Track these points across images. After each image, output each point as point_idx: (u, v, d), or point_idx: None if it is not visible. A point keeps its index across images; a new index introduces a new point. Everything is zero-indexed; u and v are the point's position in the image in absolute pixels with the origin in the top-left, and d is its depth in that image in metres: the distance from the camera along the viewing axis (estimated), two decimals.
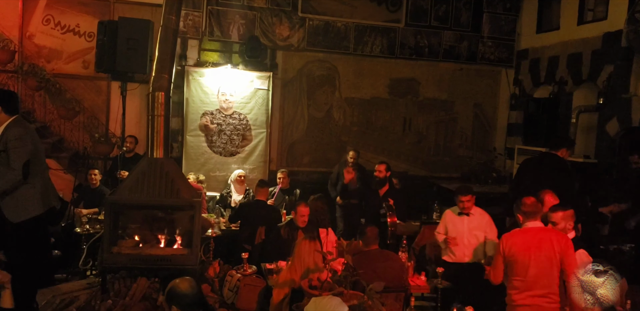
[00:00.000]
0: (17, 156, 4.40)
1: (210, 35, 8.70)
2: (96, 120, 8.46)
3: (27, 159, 4.45)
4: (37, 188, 4.58)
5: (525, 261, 3.97)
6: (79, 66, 8.43)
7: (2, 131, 4.48)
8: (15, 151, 4.39)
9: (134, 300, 4.78)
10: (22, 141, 4.44)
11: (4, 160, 4.43)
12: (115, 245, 5.10)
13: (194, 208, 5.06)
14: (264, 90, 8.76)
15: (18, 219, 4.51)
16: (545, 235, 4.02)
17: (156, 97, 5.24)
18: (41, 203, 4.62)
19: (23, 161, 4.41)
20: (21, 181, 4.45)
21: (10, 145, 4.39)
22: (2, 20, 8.00)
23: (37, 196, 4.58)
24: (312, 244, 4.45)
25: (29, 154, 4.48)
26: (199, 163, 8.46)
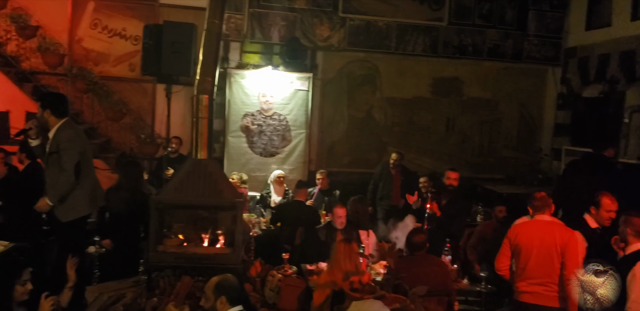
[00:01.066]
0: (68, 157, 4.54)
1: (252, 38, 8.78)
2: (142, 121, 8.66)
3: (78, 160, 4.59)
4: (85, 188, 4.72)
5: (528, 251, 4.16)
6: (126, 68, 8.65)
7: (54, 134, 4.63)
8: (66, 152, 4.54)
9: (179, 299, 4.86)
10: (73, 142, 4.59)
11: (56, 161, 4.58)
12: (161, 244, 5.22)
13: (236, 208, 5.13)
14: (304, 91, 8.80)
15: (67, 218, 4.66)
16: (550, 228, 4.18)
17: (200, 100, 5.33)
18: (89, 203, 4.77)
19: (74, 162, 4.56)
20: (74, 182, 4.58)
21: (62, 147, 4.54)
22: (52, 25, 8.27)
23: (86, 197, 4.72)
24: (349, 247, 4.43)
25: (79, 155, 4.62)
26: (239, 164, 8.56)
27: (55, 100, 4.77)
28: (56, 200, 4.59)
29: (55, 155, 4.58)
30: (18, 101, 8.16)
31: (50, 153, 4.62)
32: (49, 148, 4.66)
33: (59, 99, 4.82)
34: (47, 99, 4.75)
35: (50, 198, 4.57)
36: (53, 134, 4.64)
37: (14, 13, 7.89)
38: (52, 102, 4.70)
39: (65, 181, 4.55)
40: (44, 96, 4.92)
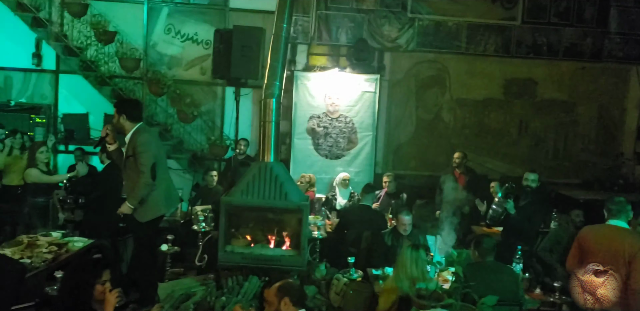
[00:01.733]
0: (144, 160, 4.72)
1: (319, 40, 8.81)
2: (212, 123, 8.88)
3: (154, 162, 4.75)
4: (160, 189, 4.88)
5: (594, 254, 4.07)
6: (197, 72, 8.90)
7: (130, 138, 4.82)
8: (142, 155, 4.72)
9: (246, 298, 4.95)
10: (148, 145, 4.75)
11: (132, 164, 4.76)
12: (229, 244, 5.33)
13: (302, 211, 5.16)
14: (371, 92, 8.73)
15: (145, 219, 4.84)
16: (622, 235, 4.05)
17: (267, 104, 5.40)
18: (165, 204, 4.93)
19: (150, 165, 4.73)
20: (153, 184, 4.74)
21: (138, 150, 4.72)
22: (130, 31, 8.63)
23: (162, 198, 4.89)
24: (415, 253, 4.35)
25: (155, 157, 4.78)
26: (305, 166, 8.60)
27: (131, 106, 4.96)
28: (137, 203, 4.77)
29: (131, 158, 4.77)
30: (97, 103, 8.59)
31: (127, 157, 4.81)
32: (125, 152, 4.85)
33: (134, 105, 5.02)
34: (123, 105, 4.95)
35: (131, 201, 4.76)
36: (129, 138, 4.83)
37: (94, 19, 8.28)
38: (128, 107, 4.90)
39: (144, 184, 4.73)
40: (120, 102, 5.13)
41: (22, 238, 5.31)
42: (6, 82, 8.86)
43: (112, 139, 4.92)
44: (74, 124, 8.68)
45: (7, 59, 8.73)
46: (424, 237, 5.56)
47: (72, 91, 8.87)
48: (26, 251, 4.89)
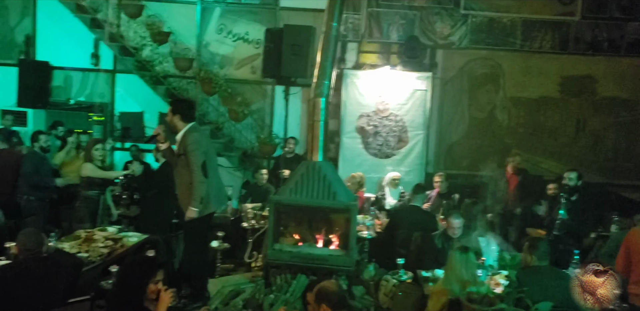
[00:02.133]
0: (194, 158, 4.79)
1: (369, 37, 8.74)
2: (262, 122, 8.96)
3: (204, 160, 4.83)
4: (210, 187, 4.95)
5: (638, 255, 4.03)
6: (248, 71, 8.99)
7: (181, 137, 4.91)
8: (192, 154, 4.80)
9: (294, 297, 4.97)
10: (198, 144, 4.83)
11: (183, 163, 4.86)
12: (278, 242, 5.37)
13: (350, 211, 5.13)
14: (423, 90, 8.59)
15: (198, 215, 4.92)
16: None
17: (316, 103, 5.40)
18: (215, 201, 4.99)
19: (200, 163, 4.80)
20: (206, 181, 4.82)
21: (188, 149, 4.80)
22: (183, 31, 8.81)
23: (212, 195, 4.96)
24: (465, 256, 4.25)
25: (204, 156, 4.86)
26: (354, 165, 8.55)
27: (186, 106, 5.04)
28: (199, 204, 4.83)
29: (182, 157, 4.86)
30: (152, 102, 8.81)
31: (178, 155, 4.91)
32: (177, 151, 4.94)
33: (189, 105, 5.11)
34: (178, 105, 5.03)
35: (194, 204, 4.83)
36: (180, 137, 4.92)
37: (149, 20, 8.49)
38: (183, 108, 4.98)
39: (199, 183, 4.81)
40: (176, 102, 5.22)
41: (80, 232, 5.49)
42: (66, 82, 9.21)
43: (163, 139, 5.02)
44: (130, 122, 8.94)
45: (67, 59, 9.08)
46: (475, 239, 5.42)
47: (128, 90, 9.14)
48: (83, 246, 5.06)
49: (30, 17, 9.17)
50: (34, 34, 9.17)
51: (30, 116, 8.84)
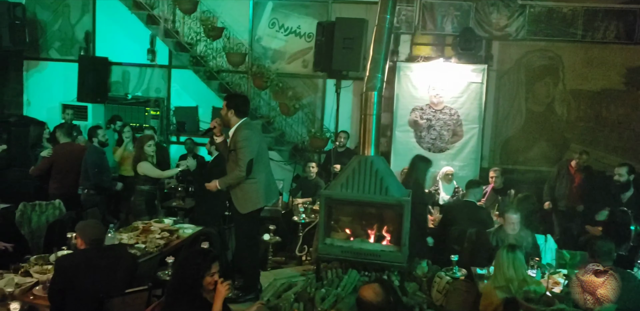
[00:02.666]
0: (243, 155, 4.84)
1: (423, 29, 8.58)
2: (313, 116, 8.97)
3: (252, 158, 4.87)
4: (261, 183, 4.98)
5: None
6: (299, 65, 9.00)
7: (233, 132, 4.95)
8: (241, 151, 4.84)
9: (345, 291, 4.96)
10: (248, 141, 4.86)
11: (234, 157, 4.91)
12: (329, 236, 5.36)
13: (403, 206, 5.06)
14: (478, 83, 8.37)
15: (246, 210, 4.97)
16: None
17: (368, 96, 5.34)
18: (265, 197, 5.03)
19: (248, 160, 4.85)
20: (244, 178, 4.88)
21: (238, 145, 4.85)
22: (236, 26, 8.90)
23: (262, 190, 4.99)
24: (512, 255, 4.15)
25: (253, 153, 4.89)
26: (407, 159, 8.35)
27: (240, 101, 5.07)
28: (224, 187, 4.97)
29: (233, 152, 4.91)
30: (205, 97, 8.97)
31: (230, 151, 4.96)
32: (228, 146, 4.99)
33: (243, 101, 5.13)
34: (233, 100, 5.06)
35: (220, 183, 4.96)
36: (232, 132, 4.97)
37: (203, 16, 8.62)
38: (237, 103, 5.01)
39: (236, 176, 4.89)
40: (231, 97, 5.25)
41: (137, 224, 5.67)
42: (124, 77, 9.49)
43: (219, 132, 5.08)
44: (185, 116, 9.13)
45: (125, 55, 9.34)
46: (532, 236, 5.26)
47: (183, 85, 9.32)
48: (141, 237, 5.21)
49: (89, 15, 9.48)
50: (94, 31, 9.48)
51: (90, 110, 9.15)
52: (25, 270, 4.21)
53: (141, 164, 6.32)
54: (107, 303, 3.68)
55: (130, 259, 4.16)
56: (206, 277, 3.22)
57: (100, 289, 3.72)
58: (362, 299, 3.13)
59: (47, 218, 5.76)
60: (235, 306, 4.33)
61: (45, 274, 4.08)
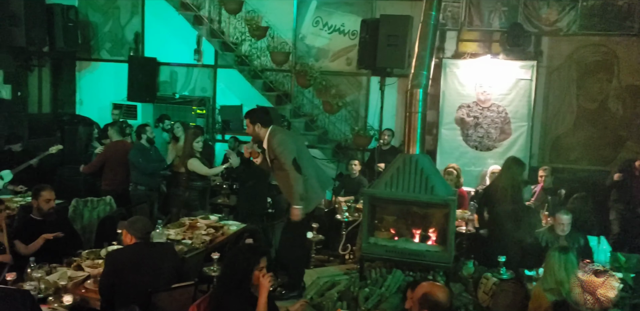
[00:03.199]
0: (284, 158, 4.93)
1: (469, 25, 8.41)
2: (356, 114, 8.93)
3: (294, 157, 4.92)
4: (312, 177, 5.05)
5: None
6: (343, 63, 8.97)
7: (267, 143, 5.05)
8: (282, 155, 4.94)
9: (389, 291, 4.91)
10: (284, 144, 4.95)
11: (278, 165, 5.02)
12: (373, 235, 5.32)
13: (449, 206, 4.98)
14: (527, 80, 8.15)
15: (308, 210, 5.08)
16: None
17: (413, 94, 5.27)
18: (322, 189, 5.13)
19: (291, 160, 4.92)
20: (300, 176, 4.93)
21: (277, 151, 4.95)
22: (280, 25, 8.94)
23: (316, 184, 5.06)
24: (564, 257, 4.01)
25: (293, 152, 4.95)
26: (453, 157, 8.30)
27: (261, 114, 5.19)
28: (300, 201, 4.97)
29: (275, 161, 5.01)
30: (250, 95, 9.05)
31: (271, 161, 5.06)
32: (268, 156, 5.10)
33: (264, 112, 5.27)
34: (253, 115, 5.15)
35: (296, 202, 4.98)
36: (265, 143, 5.07)
37: (248, 16, 8.70)
38: (259, 116, 5.12)
39: (295, 180, 4.93)
40: (250, 113, 5.28)
41: (184, 220, 5.78)
42: (172, 77, 9.68)
43: (255, 154, 5.18)
44: (230, 115, 9.25)
45: (172, 56, 9.53)
46: (584, 238, 5.08)
47: (228, 84, 9.44)
48: (187, 233, 5.31)
49: (139, 16, 9.72)
50: (143, 32, 9.71)
51: (140, 109, 9.38)
52: (78, 264, 4.35)
53: (191, 161, 6.47)
54: (154, 298, 3.76)
55: (176, 255, 4.24)
56: (255, 271, 3.27)
57: (148, 283, 3.80)
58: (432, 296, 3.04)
59: (99, 214, 5.94)
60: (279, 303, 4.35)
61: (96, 268, 4.20)
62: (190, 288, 3.98)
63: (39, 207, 4.75)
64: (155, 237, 4.75)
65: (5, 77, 8.38)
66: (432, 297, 3.00)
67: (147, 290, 3.74)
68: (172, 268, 4.06)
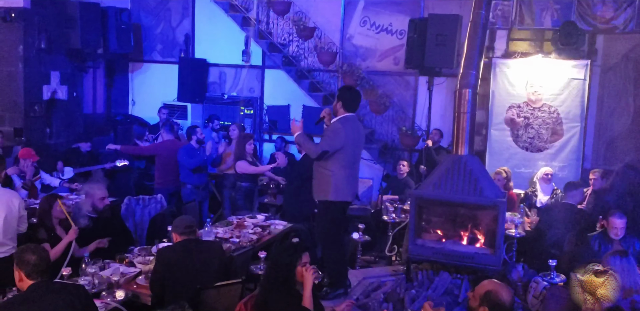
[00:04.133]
0: (323, 143, 4.87)
1: (520, 24, 8.23)
2: (403, 114, 8.86)
3: (328, 150, 4.82)
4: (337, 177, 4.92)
5: None
6: (390, 62, 8.93)
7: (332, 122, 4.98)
8: (324, 139, 4.90)
9: (436, 293, 4.86)
10: (334, 134, 4.85)
11: None
12: (420, 237, 5.28)
13: (498, 208, 4.89)
14: (580, 80, 7.91)
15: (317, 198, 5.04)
16: None
17: (462, 94, 5.20)
18: (335, 191, 4.96)
19: (323, 150, 4.83)
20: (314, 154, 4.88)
21: (325, 133, 4.93)
22: (327, 25, 8.98)
23: (333, 184, 4.93)
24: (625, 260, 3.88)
25: (333, 147, 4.83)
26: (502, 158, 8.14)
27: (351, 95, 5.03)
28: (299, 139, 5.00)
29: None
30: (296, 96, 9.13)
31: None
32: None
33: (355, 96, 5.07)
34: (344, 93, 5.06)
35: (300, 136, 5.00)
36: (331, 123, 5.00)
37: (296, 17, 8.77)
38: (347, 96, 4.99)
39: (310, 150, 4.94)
40: (344, 89, 5.25)
41: (232, 219, 5.88)
42: (220, 78, 9.85)
43: (328, 121, 5.08)
44: (277, 115, 9.34)
45: (221, 57, 9.69)
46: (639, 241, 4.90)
47: (275, 84, 9.53)
48: (235, 231, 5.40)
49: (189, 18, 9.93)
50: (193, 34, 9.91)
51: (190, 110, 9.58)
52: (130, 261, 4.48)
53: (239, 163, 6.60)
54: (203, 294, 3.84)
55: (223, 253, 4.33)
56: (298, 267, 3.34)
57: (196, 280, 3.89)
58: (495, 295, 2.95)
59: (150, 212, 6.10)
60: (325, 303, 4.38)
61: (147, 264, 4.32)
62: (238, 286, 4.05)
63: (95, 205, 4.92)
64: (205, 235, 4.85)
65: (61, 78, 8.71)
66: (495, 296, 2.90)
67: (195, 286, 3.83)
68: (219, 265, 4.14)
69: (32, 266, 3.05)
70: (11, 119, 8.33)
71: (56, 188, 6.76)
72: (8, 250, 4.34)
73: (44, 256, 3.12)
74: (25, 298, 3.01)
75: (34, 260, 3.06)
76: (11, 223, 4.39)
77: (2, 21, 8.00)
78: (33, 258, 3.06)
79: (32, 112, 8.30)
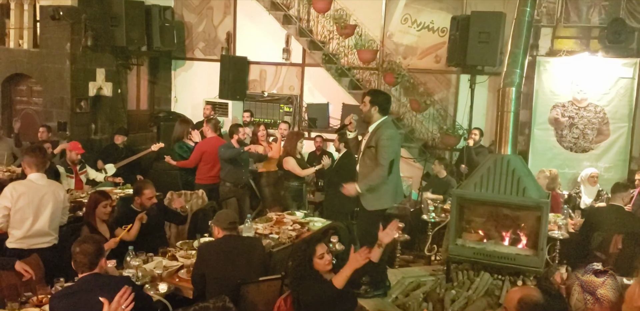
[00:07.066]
0: (386, 154, 4.79)
1: (566, 22, 8.02)
2: (444, 112, 8.76)
3: (393, 158, 4.84)
4: (392, 184, 4.94)
5: None
6: (431, 60, 8.83)
7: (374, 129, 4.92)
8: (385, 149, 4.79)
9: (477, 294, 4.81)
10: (392, 141, 4.84)
11: (372, 155, 4.88)
12: (460, 237, 5.23)
13: (542, 209, 4.79)
14: (628, 78, 7.67)
15: (371, 208, 4.98)
16: None
17: (506, 93, 5.12)
18: (393, 198, 4.97)
19: (390, 160, 4.80)
20: (386, 177, 4.84)
21: (381, 144, 4.80)
22: (368, 23, 8.94)
23: (391, 192, 4.95)
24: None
25: (394, 154, 4.87)
26: (545, 158, 7.97)
27: (385, 99, 5.03)
28: (365, 189, 4.89)
29: (372, 149, 4.89)
30: (336, 93, 9.13)
31: (368, 146, 4.95)
32: (367, 142, 4.98)
33: (387, 99, 5.09)
34: (377, 97, 5.02)
35: (361, 186, 4.90)
36: (373, 129, 4.94)
37: (336, 14, 8.76)
38: (382, 100, 4.97)
39: (379, 175, 4.83)
40: (375, 93, 5.20)
41: (271, 215, 5.94)
42: (261, 76, 9.93)
43: (353, 128, 5.13)
44: (316, 113, 9.36)
45: (262, 55, 9.77)
46: None
47: (314, 82, 9.56)
48: (274, 228, 5.45)
49: (231, 16, 10.03)
50: (234, 32, 10.03)
51: (230, 107, 9.70)
52: (172, 254, 4.57)
53: (287, 159, 6.63)
54: (243, 289, 3.89)
55: (263, 249, 4.37)
56: (315, 260, 3.51)
57: (237, 275, 3.94)
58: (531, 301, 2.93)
59: (191, 207, 6.20)
60: (361, 301, 4.38)
61: (189, 258, 4.40)
62: (277, 281, 4.08)
63: (142, 203, 5.02)
64: (245, 231, 4.91)
65: (107, 75, 8.94)
66: (529, 300, 2.90)
67: (236, 281, 3.88)
68: (259, 261, 4.18)
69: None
70: (58, 115, 8.62)
71: (101, 182, 6.95)
72: (51, 240, 4.49)
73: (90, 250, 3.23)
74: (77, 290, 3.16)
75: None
76: (57, 214, 4.53)
77: (51, 19, 8.26)
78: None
79: (79, 108, 8.55)
